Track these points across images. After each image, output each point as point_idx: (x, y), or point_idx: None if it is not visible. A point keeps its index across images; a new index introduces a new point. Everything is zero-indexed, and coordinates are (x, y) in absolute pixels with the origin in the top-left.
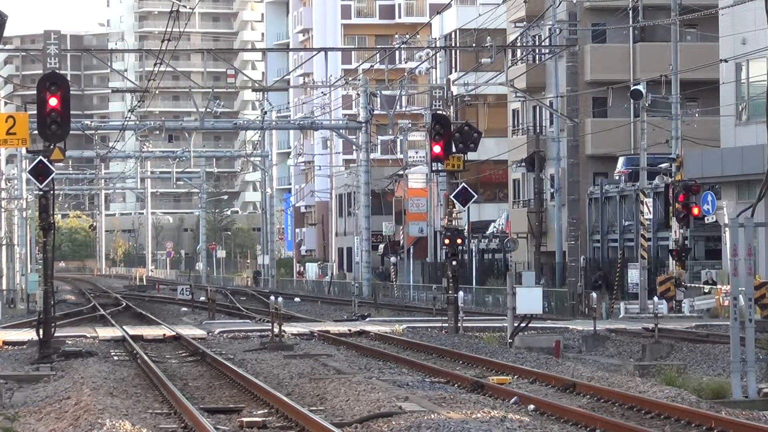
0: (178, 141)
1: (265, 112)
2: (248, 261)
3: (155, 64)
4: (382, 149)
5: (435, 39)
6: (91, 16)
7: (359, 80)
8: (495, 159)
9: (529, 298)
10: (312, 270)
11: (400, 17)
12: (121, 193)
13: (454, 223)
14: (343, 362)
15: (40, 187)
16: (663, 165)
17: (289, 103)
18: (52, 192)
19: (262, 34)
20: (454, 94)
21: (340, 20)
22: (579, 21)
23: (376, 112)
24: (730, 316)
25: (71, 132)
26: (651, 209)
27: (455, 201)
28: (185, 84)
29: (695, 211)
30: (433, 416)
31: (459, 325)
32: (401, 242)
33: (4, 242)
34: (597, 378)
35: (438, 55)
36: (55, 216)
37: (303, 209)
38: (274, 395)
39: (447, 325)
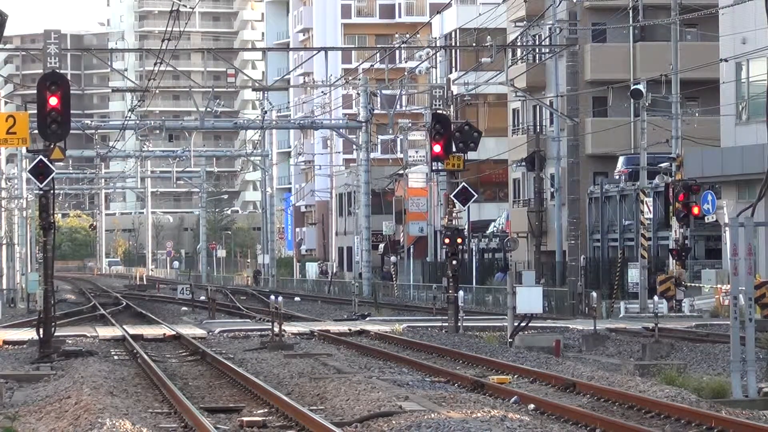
0: (178, 140)
1: (265, 112)
2: (248, 260)
3: (155, 64)
4: (382, 149)
5: (435, 38)
6: (91, 16)
7: (359, 80)
8: (495, 158)
9: (529, 298)
10: (312, 269)
11: (400, 17)
12: (121, 193)
13: (454, 222)
14: (344, 362)
15: (41, 186)
16: (663, 164)
17: (289, 102)
18: (52, 191)
19: (263, 33)
20: (455, 93)
21: (340, 20)
22: (579, 20)
23: (376, 111)
24: (731, 315)
25: (71, 131)
26: (651, 209)
27: (455, 200)
28: (185, 83)
29: (695, 210)
30: (433, 415)
31: (459, 324)
32: (401, 242)
33: (4, 242)
34: (597, 377)
35: (438, 54)
36: (56, 215)
37: (303, 209)
38: (274, 395)
39: (447, 324)
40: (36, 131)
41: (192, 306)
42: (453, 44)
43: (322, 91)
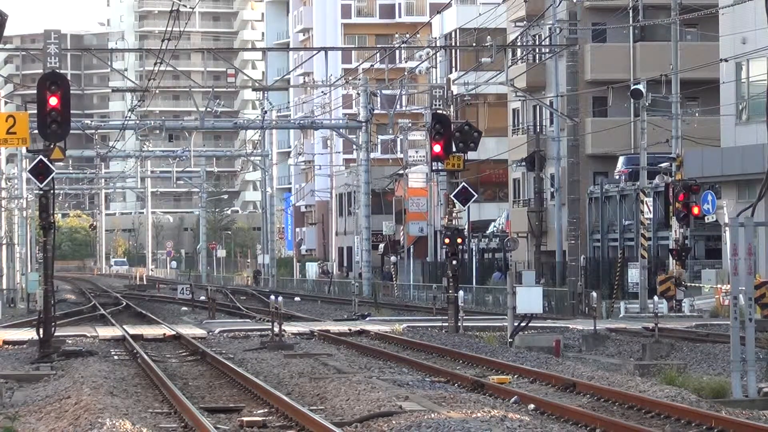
0: (178, 140)
1: (265, 112)
2: (248, 260)
3: (155, 64)
4: (383, 149)
5: (435, 38)
6: (91, 16)
7: (359, 80)
8: (495, 158)
9: (529, 298)
10: (312, 269)
11: (400, 17)
12: (121, 193)
13: (454, 222)
14: (344, 362)
15: (41, 186)
16: (663, 164)
17: (289, 102)
18: (52, 191)
19: (263, 33)
20: (455, 93)
21: (340, 19)
22: (579, 20)
23: (376, 111)
24: (731, 315)
25: (71, 131)
26: (651, 209)
27: (455, 200)
28: (185, 83)
29: (695, 210)
30: (433, 415)
31: (459, 324)
32: (401, 242)
33: (4, 242)
34: (597, 377)
35: (438, 54)
36: (55, 215)
37: (303, 209)
38: (274, 395)
39: (447, 324)
40: (36, 131)
41: (192, 306)
42: (453, 44)
43: (322, 91)
